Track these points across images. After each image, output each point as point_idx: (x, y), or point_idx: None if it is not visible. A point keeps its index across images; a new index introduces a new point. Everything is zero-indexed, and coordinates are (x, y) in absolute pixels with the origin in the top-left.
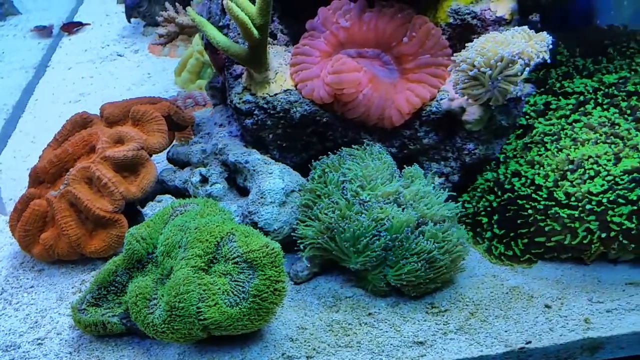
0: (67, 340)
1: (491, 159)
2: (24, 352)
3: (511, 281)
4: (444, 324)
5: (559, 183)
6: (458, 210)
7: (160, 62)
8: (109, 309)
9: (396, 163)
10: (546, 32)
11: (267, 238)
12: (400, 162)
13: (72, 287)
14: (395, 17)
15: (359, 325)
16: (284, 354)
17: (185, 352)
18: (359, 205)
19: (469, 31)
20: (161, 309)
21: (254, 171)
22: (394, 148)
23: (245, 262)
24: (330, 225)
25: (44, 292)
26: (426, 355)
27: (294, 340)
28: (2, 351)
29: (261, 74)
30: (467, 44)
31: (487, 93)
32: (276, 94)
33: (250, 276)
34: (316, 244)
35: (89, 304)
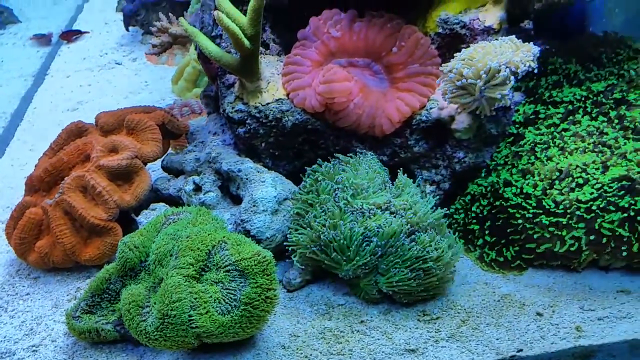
0: (61, 347)
1: (481, 167)
2: (18, 359)
3: (503, 289)
4: (435, 332)
5: (548, 192)
6: (442, 213)
7: (158, 70)
8: (102, 316)
9: (388, 171)
10: (540, 39)
11: (259, 246)
12: (391, 169)
13: (68, 295)
14: (385, 27)
15: (351, 332)
16: None
17: (178, 359)
18: (351, 214)
19: (458, 41)
20: (153, 317)
21: (246, 179)
22: (385, 156)
23: (236, 270)
24: (321, 234)
25: (39, 299)
26: None
27: (286, 347)
28: None
29: (253, 84)
30: (455, 54)
31: (475, 102)
32: (268, 103)
33: (242, 284)
34: (308, 253)
35: (83, 311)
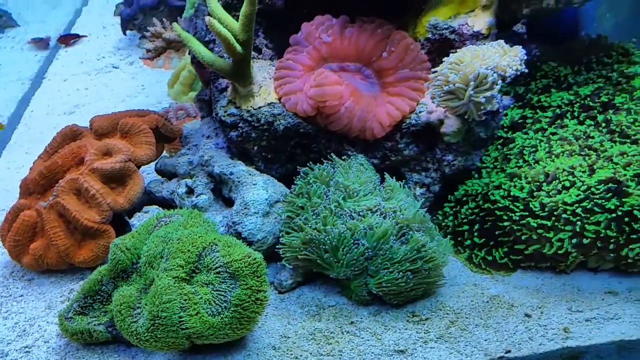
0: (54, 348)
1: (471, 170)
2: (11, 359)
3: (492, 290)
4: (424, 333)
5: (535, 194)
6: (428, 216)
7: (155, 74)
8: (95, 317)
9: (379, 174)
10: (533, 43)
11: (250, 248)
12: (383, 172)
13: (61, 296)
14: (375, 33)
15: (341, 333)
16: None
17: None
18: (342, 217)
19: (448, 45)
20: (144, 318)
21: (238, 182)
22: (376, 159)
23: (227, 272)
24: (312, 236)
25: (33, 301)
26: None
27: (276, 348)
28: None
29: (245, 88)
30: (444, 59)
31: (463, 106)
32: (260, 107)
33: (232, 286)
34: (300, 255)
35: (75, 312)
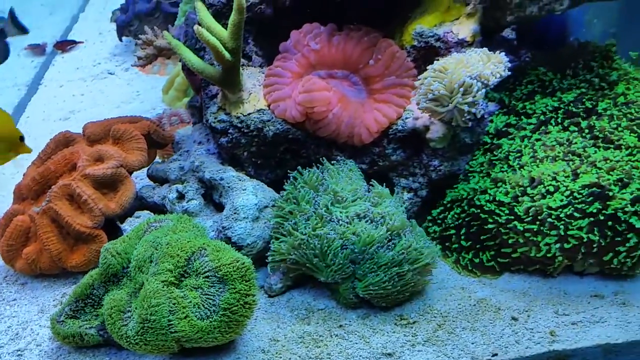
0: (46, 352)
1: (457, 175)
2: None
3: (479, 293)
4: (412, 336)
5: (519, 199)
6: (411, 221)
7: (150, 80)
8: (86, 321)
9: (367, 179)
10: (523, 49)
11: (239, 253)
12: (371, 177)
13: (54, 300)
14: (362, 41)
15: (329, 337)
16: None
17: None
18: (330, 222)
19: (433, 53)
20: (134, 322)
21: (228, 188)
22: (364, 164)
23: (216, 276)
24: (301, 242)
25: (26, 304)
26: None
27: (265, 352)
28: None
29: (235, 95)
30: (428, 66)
31: (448, 113)
32: (250, 114)
33: (221, 290)
34: (289, 259)
35: (67, 316)
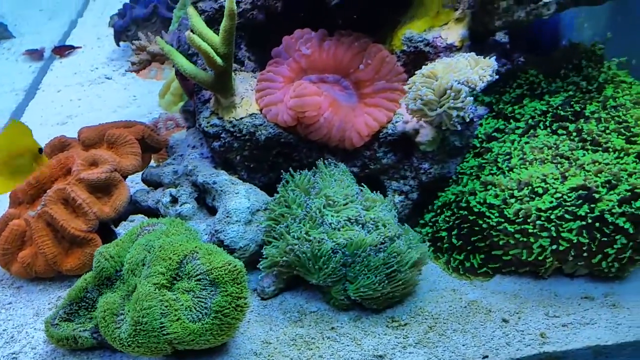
0: (41, 355)
1: (448, 178)
2: None
3: (470, 295)
4: (403, 338)
5: (508, 201)
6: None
7: (147, 85)
8: (80, 323)
9: (359, 182)
10: (516, 53)
11: (230, 256)
12: (362, 180)
13: (49, 303)
14: (352, 46)
15: (321, 339)
16: None
17: None
18: (322, 226)
19: (422, 58)
20: (127, 324)
21: (221, 191)
22: (356, 168)
23: (207, 279)
24: (293, 246)
25: (21, 308)
26: None
27: (258, 354)
28: None
29: (227, 99)
30: (416, 72)
31: (438, 116)
32: (242, 118)
33: (213, 293)
34: (281, 262)
35: (61, 319)
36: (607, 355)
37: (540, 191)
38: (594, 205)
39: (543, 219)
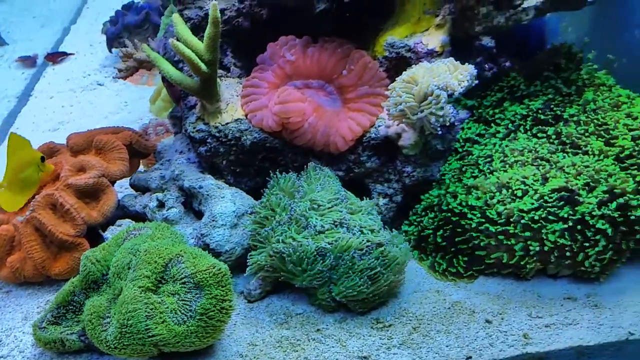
0: (29, 358)
1: (431, 181)
2: None
3: (454, 296)
4: (387, 339)
5: (489, 202)
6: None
7: (138, 91)
8: (67, 327)
9: (344, 185)
10: (502, 57)
11: (215, 259)
12: (347, 184)
13: (38, 307)
14: (336, 52)
15: (307, 341)
16: None
17: None
18: (307, 229)
19: (404, 63)
20: (113, 327)
21: (207, 195)
22: (341, 171)
23: (192, 282)
24: (279, 248)
25: (10, 312)
26: None
27: (244, 356)
28: None
29: (213, 105)
30: (396, 78)
31: (418, 120)
32: (228, 123)
33: (198, 295)
34: (266, 265)
35: (49, 322)
36: (589, 355)
37: (520, 193)
38: (575, 207)
39: (526, 219)
